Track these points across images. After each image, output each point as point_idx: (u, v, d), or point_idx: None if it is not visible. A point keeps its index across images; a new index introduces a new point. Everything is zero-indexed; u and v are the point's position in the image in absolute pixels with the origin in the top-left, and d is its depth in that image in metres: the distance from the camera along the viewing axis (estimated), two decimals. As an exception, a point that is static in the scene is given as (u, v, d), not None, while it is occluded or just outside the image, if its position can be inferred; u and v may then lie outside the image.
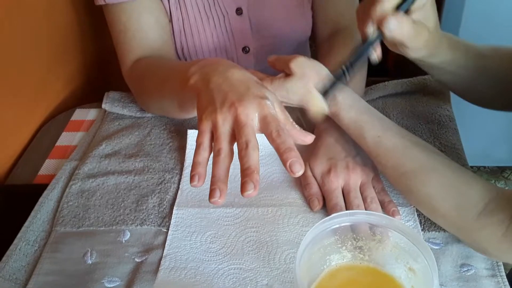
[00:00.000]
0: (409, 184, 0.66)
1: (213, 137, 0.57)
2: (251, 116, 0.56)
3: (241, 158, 0.54)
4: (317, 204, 0.73)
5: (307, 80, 0.71)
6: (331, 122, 0.80)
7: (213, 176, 0.54)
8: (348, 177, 0.73)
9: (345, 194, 0.72)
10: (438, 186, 0.64)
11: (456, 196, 0.63)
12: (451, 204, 0.63)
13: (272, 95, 0.60)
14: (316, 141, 0.79)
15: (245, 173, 0.52)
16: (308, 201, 0.74)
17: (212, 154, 0.56)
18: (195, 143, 0.57)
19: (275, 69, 0.75)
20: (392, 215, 0.70)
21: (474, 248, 0.65)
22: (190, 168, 0.79)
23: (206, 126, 0.58)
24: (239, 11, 0.96)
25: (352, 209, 0.70)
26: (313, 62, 0.73)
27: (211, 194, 0.53)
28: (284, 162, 0.53)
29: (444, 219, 0.65)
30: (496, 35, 1.65)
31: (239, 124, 0.56)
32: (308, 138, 0.59)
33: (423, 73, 0.79)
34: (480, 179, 0.63)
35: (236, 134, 0.56)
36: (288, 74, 0.72)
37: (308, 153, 0.79)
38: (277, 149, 0.54)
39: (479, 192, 0.62)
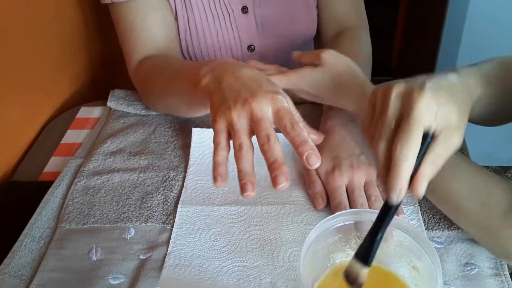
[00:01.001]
0: (432, 181, 0.64)
1: (230, 135, 0.58)
2: (265, 110, 0.57)
3: (264, 152, 0.54)
4: (321, 203, 0.73)
5: (337, 71, 0.73)
6: (336, 121, 0.80)
7: (240, 171, 0.55)
8: (352, 175, 0.73)
9: (349, 193, 0.72)
10: (463, 183, 0.63)
11: (481, 193, 0.62)
12: (476, 201, 0.62)
13: (283, 91, 0.61)
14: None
15: (274, 167, 0.53)
16: (312, 200, 0.74)
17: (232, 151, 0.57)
18: (213, 144, 0.58)
19: (301, 63, 0.78)
20: (396, 214, 0.70)
21: (495, 252, 0.64)
22: (194, 166, 0.81)
23: (221, 125, 0.58)
24: (244, 10, 0.96)
25: (356, 207, 0.70)
26: (343, 56, 0.76)
27: (243, 189, 0.54)
28: (300, 155, 0.54)
29: (468, 218, 0.64)
30: (500, 35, 1.65)
31: (256, 119, 0.56)
32: (318, 137, 0.59)
33: (427, 72, 0.79)
34: (501, 178, 0.62)
35: (254, 130, 0.56)
36: (317, 65, 0.74)
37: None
38: (292, 142, 0.55)
39: (504, 190, 0.61)
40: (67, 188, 0.80)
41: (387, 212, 0.52)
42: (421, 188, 0.53)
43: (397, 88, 0.54)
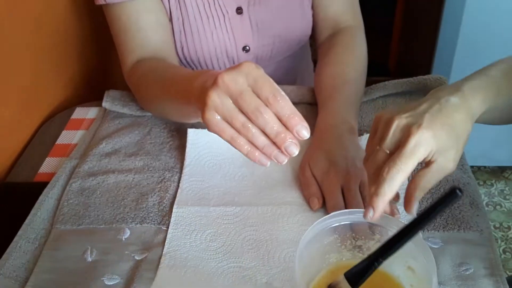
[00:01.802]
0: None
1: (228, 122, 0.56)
2: (240, 81, 0.54)
3: (262, 127, 0.54)
4: (317, 203, 0.73)
5: None
6: (331, 121, 0.80)
7: (261, 148, 0.55)
8: (348, 176, 0.73)
9: (344, 194, 0.72)
10: None
11: None
12: None
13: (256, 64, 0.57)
14: (315, 140, 0.79)
15: (279, 139, 0.53)
16: (307, 200, 0.74)
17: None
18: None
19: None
20: (391, 214, 0.70)
21: None
22: (190, 167, 0.81)
23: (214, 117, 0.56)
24: (239, 11, 0.96)
25: (351, 208, 0.70)
26: None
27: (278, 158, 0.55)
28: (289, 128, 0.53)
29: None
30: (496, 35, 1.65)
31: (235, 94, 0.54)
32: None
33: (424, 73, 0.79)
34: None
35: (239, 106, 0.54)
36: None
37: (308, 152, 0.79)
38: (278, 115, 0.53)
39: None
40: (62, 189, 0.80)
41: (391, 244, 0.51)
42: (413, 209, 0.58)
43: (399, 121, 0.57)
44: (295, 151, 0.53)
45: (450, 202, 0.50)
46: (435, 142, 0.55)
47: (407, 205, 0.58)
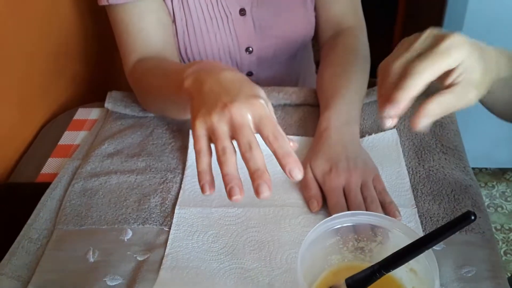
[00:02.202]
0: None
1: (210, 140, 0.57)
2: (245, 116, 0.56)
3: (247, 160, 0.54)
4: (316, 206, 0.73)
5: None
6: (332, 122, 0.80)
7: (225, 175, 0.54)
8: (349, 176, 0.73)
9: (346, 194, 0.73)
10: None
11: None
12: None
13: (264, 94, 0.60)
14: (317, 141, 0.80)
15: (256, 175, 0.53)
16: (307, 203, 0.74)
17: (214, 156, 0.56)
18: (195, 150, 0.57)
19: None
20: (393, 216, 0.70)
21: None
22: (192, 168, 0.81)
23: (201, 131, 0.57)
24: (242, 12, 0.96)
25: (353, 208, 0.70)
26: None
27: (230, 193, 0.53)
28: (283, 167, 0.53)
29: None
30: (499, 35, 1.65)
31: (236, 125, 0.55)
32: (293, 144, 0.57)
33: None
34: None
35: (235, 136, 0.56)
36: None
37: (309, 153, 0.79)
38: (275, 153, 0.54)
39: None
40: (64, 189, 0.80)
41: (396, 259, 0.51)
42: (419, 119, 0.53)
43: (431, 30, 0.53)
44: (265, 192, 0.52)
45: (463, 225, 0.49)
46: (468, 54, 0.52)
47: (415, 117, 0.53)
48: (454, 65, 0.52)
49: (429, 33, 0.54)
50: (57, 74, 1.08)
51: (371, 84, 0.93)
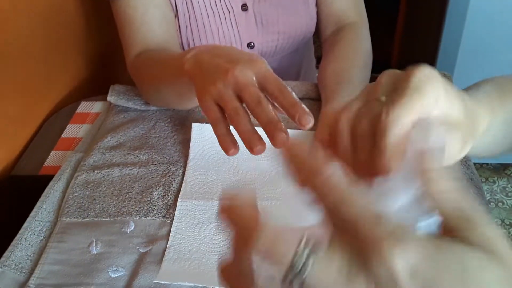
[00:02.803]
0: None
1: (221, 108, 0.58)
2: (249, 75, 0.56)
3: (257, 114, 0.54)
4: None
5: None
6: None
7: (242, 132, 0.54)
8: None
9: None
10: None
11: None
12: None
13: (265, 60, 0.60)
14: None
15: (270, 126, 0.52)
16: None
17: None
18: (208, 121, 0.58)
19: None
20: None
21: None
22: (194, 161, 0.81)
23: (210, 102, 0.58)
24: (244, 7, 0.96)
25: None
26: None
27: (251, 145, 0.53)
28: (292, 117, 0.53)
29: None
30: (500, 34, 1.65)
31: (242, 85, 0.55)
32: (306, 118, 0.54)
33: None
34: None
35: (242, 96, 0.56)
36: None
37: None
38: (282, 106, 0.54)
39: None
40: (67, 182, 0.80)
41: None
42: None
43: (388, 71, 0.40)
44: (283, 138, 0.51)
45: None
46: (444, 90, 0.37)
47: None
48: (431, 101, 0.37)
49: (391, 72, 0.40)
50: (60, 68, 1.08)
51: (372, 79, 0.94)
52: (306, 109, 0.53)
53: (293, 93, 0.55)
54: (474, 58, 1.72)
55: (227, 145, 0.57)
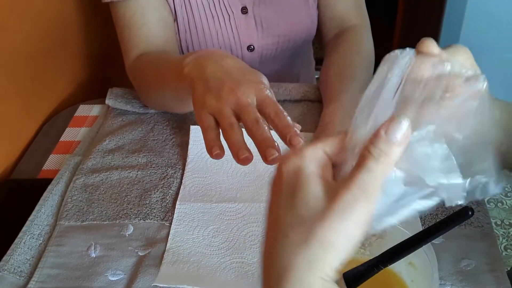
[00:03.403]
0: None
1: (217, 122, 0.60)
2: (251, 97, 0.59)
3: (254, 133, 0.56)
4: None
5: None
6: (335, 116, 0.80)
7: (233, 144, 0.57)
8: None
9: None
10: None
11: None
12: None
13: (267, 80, 0.63)
14: (319, 135, 0.80)
15: (265, 143, 0.55)
16: None
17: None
18: (201, 127, 0.60)
19: None
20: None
21: None
22: (192, 163, 0.81)
23: (207, 114, 0.60)
24: (244, 10, 0.96)
25: None
26: None
27: (238, 155, 0.56)
28: (283, 138, 0.56)
29: None
30: (498, 34, 1.65)
31: (242, 106, 0.58)
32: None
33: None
34: None
35: (241, 115, 0.58)
36: None
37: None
38: (276, 128, 0.57)
39: None
40: (66, 185, 0.80)
41: (393, 254, 0.51)
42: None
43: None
44: (274, 154, 0.54)
45: (460, 221, 0.49)
46: None
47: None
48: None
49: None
50: (58, 71, 1.08)
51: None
52: (298, 131, 0.56)
53: (288, 117, 0.58)
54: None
55: (212, 146, 0.59)
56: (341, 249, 0.33)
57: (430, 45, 0.40)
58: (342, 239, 0.32)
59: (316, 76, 1.19)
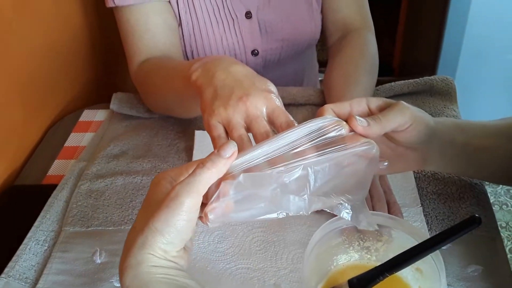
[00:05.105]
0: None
1: (226, 130, 0.59)
2: (260, 108, 0.58)
3: None
4: None
5: None
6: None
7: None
8: None
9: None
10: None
11: None
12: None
13: (275, 88, 0.62)
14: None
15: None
16: None
17: None
18: (210, 137, 0.59)
19: None
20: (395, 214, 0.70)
21: None
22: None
23: (216, 122, 0.59)
24: (248, 15, 0.96)
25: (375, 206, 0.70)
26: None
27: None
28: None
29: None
30: (502, 36, 1.65)
31: (252, 117, 0.57)
32: None
33: (428, 73, 0.79)
34: None
35: (250, 127, 0.57)
36: None
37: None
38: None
39: None
40: (70, 191, 0.80)
41: (400, 261, 0.50)
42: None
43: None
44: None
45: (468, 229, 0.49)
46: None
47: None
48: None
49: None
50: (62, 76, 1.08)
51: (379, 82, 0.94)
52: None
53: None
54: (475, 61, 1.72)
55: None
56: (165, 232, 0.45)
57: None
58: (166, 226, 0.45)
59: (320, 79, 1.19)
